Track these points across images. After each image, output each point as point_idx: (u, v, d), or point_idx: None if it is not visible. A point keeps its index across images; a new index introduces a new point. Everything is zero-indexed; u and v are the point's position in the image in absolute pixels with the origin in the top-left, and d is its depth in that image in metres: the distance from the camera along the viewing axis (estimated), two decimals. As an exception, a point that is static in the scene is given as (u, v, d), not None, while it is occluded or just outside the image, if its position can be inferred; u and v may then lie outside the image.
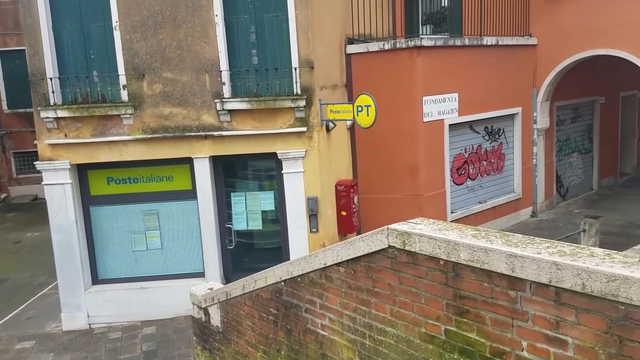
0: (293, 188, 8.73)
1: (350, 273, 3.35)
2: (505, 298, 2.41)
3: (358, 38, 10.21)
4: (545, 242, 2.47)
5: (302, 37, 8.31)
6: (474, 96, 10.88)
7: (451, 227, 2.90)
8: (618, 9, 10.57)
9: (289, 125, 8.56)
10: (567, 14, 11.32)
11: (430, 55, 9.98)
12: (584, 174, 14.36)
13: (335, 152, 9.40)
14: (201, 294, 5.50)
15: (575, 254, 2.26)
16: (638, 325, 1.99)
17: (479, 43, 10.79)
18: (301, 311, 3.90)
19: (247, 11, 8.48)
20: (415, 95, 9.94)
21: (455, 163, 11.09)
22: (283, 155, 8.61)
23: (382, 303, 3.10)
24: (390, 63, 9.96)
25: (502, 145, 12.06)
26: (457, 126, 10.85)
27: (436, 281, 2.74)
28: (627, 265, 2.11)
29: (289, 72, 8.41)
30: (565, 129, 13.59)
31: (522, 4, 11.70)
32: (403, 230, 2.91)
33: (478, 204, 11.53)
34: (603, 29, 10.81)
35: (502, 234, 2.69)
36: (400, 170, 10.20)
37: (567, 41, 11.38)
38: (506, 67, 11.45)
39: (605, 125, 14.50)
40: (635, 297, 1.98)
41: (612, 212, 12.37)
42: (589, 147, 14.42)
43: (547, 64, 11.82)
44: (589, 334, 2.14)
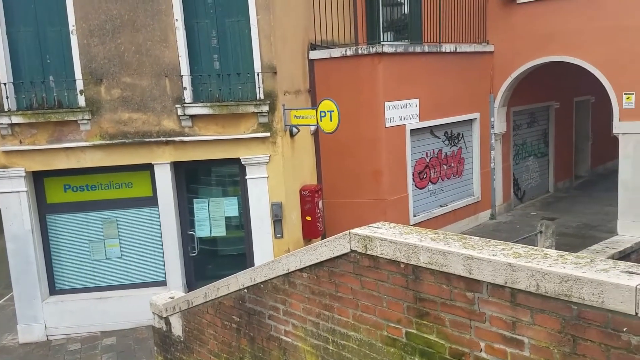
0: (257, 194, 8.68)
1: (313, 278, 3.36)
2: (463, 299, 2.46)
3: (321, 44, 10.27)
4: (500, 244, 2.54)
5: (264, 42, 8.29)
6: (434, 102, 11.09)
7: (411, 230, 2.95)
8: (570, 17, 10.98)
9: (253, 131, 8.52)
10: (522, 22, 11.69)
11: (391, 61, 10.12)
12: (540, 177, 14.82)
13: (299, 157, 9.41)
14: (162, 303, 5.40)
15: (530, 256, 2.33)
16: (590, 324, 2.06)
17: (438, 50, 11.01)
18: (264, 318, 3.87)
19: (208, 16, 8.41)
20: (377, 101, 10.05)
21: (417, 167, 11.26)
22: (247, 161, 8.56)
23: (345, 307, 3.12)
24: (353, 69, 10.05)
25: (461, 150, 12.32)
26: (418, 131, 11.03)
27: (397, 284, 2.77)
28: (579, 266, 2.18)
29: (251, 77, 8.38)
30: (522, 134, 14.00)
31: (479, 12, 12.02)
32: (365, 235, 2.93)
33: (439, 207, 11.74)
34: (556, 36, 11.21)
35: (460, 236, 2.75)
36: (364, 175, 10.28)
37: (523, 48, 11.74)
38: (464, 73, 11.72)
39: (560, 129, 15.01)
40: (587, 297, 2.05)
41: (568, 214, 12.80)
42: (545, 151, 14.89)
43: (504, 70, 12.16)
44: (544, 333, 2.20)
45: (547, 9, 11.29)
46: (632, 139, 10.50)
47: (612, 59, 10.51)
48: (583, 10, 10.78)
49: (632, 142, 10.50)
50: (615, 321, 1.99)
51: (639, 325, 1.93)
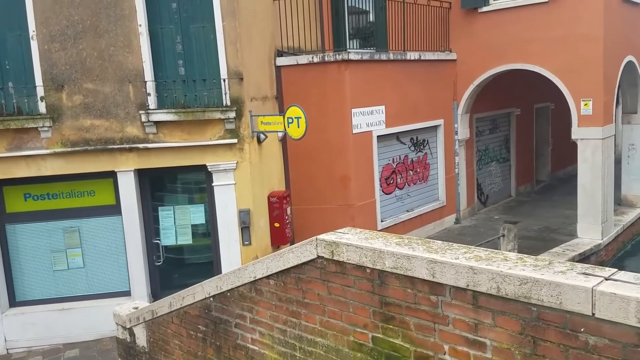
0: (224, 201, 8.60)
1: (280, 285, 3.35)
2: (427, 303, 2.50)
3: (287, 50, 10.29)
4: (462, 248, 2.59)
5: (230, 48, 8.26)
6: (400, 108, 11.24)
7: (377, 235, 2.98)
8: (529, 26, 11.32)
9: (219, 137, 8.44)
10: (483, 31, 11.99)
11: (357, 68, 10.22)
12: (502, 181, 15.18)
13: (267, 164, 9.38)
14: (125, 314, 5.28)
15: (490, 259, 2.39)
16: (549, 325, 2.12)
17: (403, 58, 11.18)
18: (231, 326, 3.84)
19: (173, 21, 8.33)
20: (345, 108, 10.12)
21: (384, 173, 11.38)
22: (213, 168, 8.48)
23: (312, 314, 3.12)
24: (320, 76, 10.10)
25: (427, 156, 12.51)
26: (384, 137, 11.15)
27: (363, 289, 2.80)
28: (537, 268, 2.25)
29: (217, 83, 8.31)
30: (485, 140, 14.32)
31: (443, 21, 12.27)
32: (331, 241, 2.95)
33: (406, 212, 11.87)
34: (517, 44, 11.54)
35: (424, 241, 2.79)
36: (332, 181, 10.32)
37: (484, 56, 12.03)
38: (429, 80, 11.93)
39: (521, 135, 15.42)
40: (546, 299, 2.11)
41: (529, 217, 13.14)
42: (507, 157, 15.27)
43: (466, 78, 12.43)
44: (505, 335, 2.25)
45: (507, 18, 11.62)
46: (590, 144, 10.87)
47: (570, 66, 10.87)
48: (541, 20, 11.13)
49: (590, 147, 10.87)
50: (573, 322, 2.06)
51: (595, 326, 2.00)
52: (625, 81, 12.51)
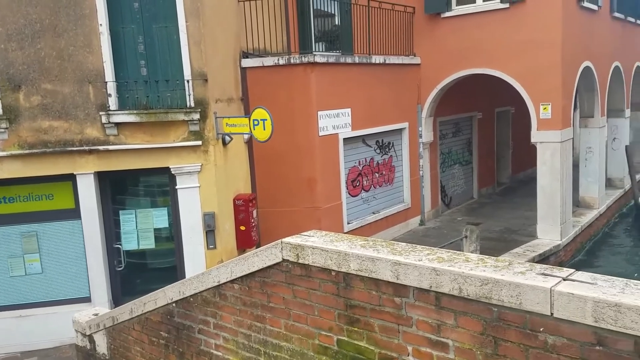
0: (188, 204, 8.47)
1: (245, 289, 3.31)
2: (391, 305, 2.51)
3: (253, 52, 10.23)
4: (426, 249, 2.62)
5: (194, 48, 8.14)
6: (366, 111, 11.32)
7: (342, 238, 2.98)
8: (490, 31, 11.58)
9: (183, 139, 8.31)
10: (446, 36, 12.20)
11: (323, 71, 10.24)
12: (465, 184, 15.47)
13: (232, 166, 9.28)
14: (85, 320, 5.13)
15: (452, 260, 2.42)
16: (510, 325, 2.16)
17: (369, 61, 11.27)
18: (194, 332, 3.77)
19: (135, 21, 8.16)
20: (311, 110, 10.13)
21: (350, 175, 11.43)
22: (177, 170, 8.34)
23: (277, 318, 3.10)
24: (286, 78, 10.08)
25: (392, 158, 12.64)
26: (350, 140, 11.20)
27: (328, 292, 2.79)
28: (498, 269, 2.29)
29: (181, 84, 8.18)
30: (448, 143, 14.57)
31: (407, 26, 12.43)
32: (297, 244, 2.93)
33: (372, 214, 11.96)
34: (478, 49, 11.79)
35: (388, 243, 2.81)
36: (299, 184, 10.30)
37: (447, 61, 12.25)
38: (394, 84, 12.06)
39: (483, 138, 15.77)
40: (506, 299, 2.15)
41: (491, 219, 13.43)
42: (469, 159, 15.57)
43: (430, 82, 12.63)
44: (467, 335, 2.28)
45: (469, 24, 11.86)
46: (549, 147, 11.20)
47: (530, 71, 11.18)
48: (502, 26, 11.41)
49: (549, 150, 11.19)
50: (532, 322, 2.10)
51: (554, 325, 2.05)
52: (583, 86, 12.95)
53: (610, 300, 1.91)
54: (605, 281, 2.09)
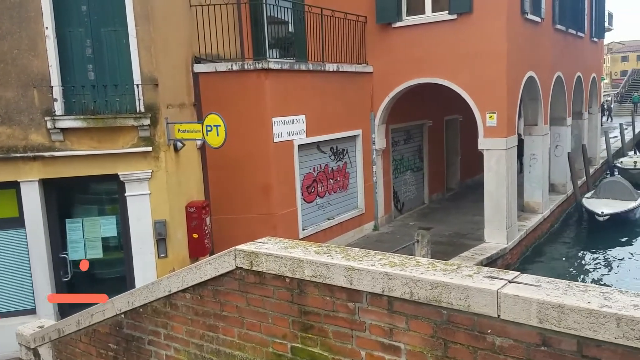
0: (138, 211, 8.25)
1: (196, 299, 3.26)
2: (345, 310, 2.54)
3: (206, 57, 10.11)
4: (378, 254, 2.66)
5: (144, 53, 7.98)
6: (320, 118, 11.40)
7: (297, 244, 2.98)
8: (438, 42, 11.91)
9: (132, 145, 8.11)
10: (397, 45, 12.46)
11: (278, 78, 10.25)
12: (416, 189, 15.80)
13: (185, 173, 9.12)
14: (30, 333, 4.91)
15: (404, 264, 2.47)
16: (459, 328, 2.21)
17: (322, 69, 11.36)
18: (144, 344, 3.67)
19: (82, 24, 7.92)
20: (265, 116, 10.10)
21: (305, 182, 11.46)
22: (126, 177, 8.11)
23: (230, 327, 3.06)
24: (240, 84, 10.02)
25: (346, 165, 12.76)
26: (305, 146, 11.24)
27: (282, 299, 2.78)
28: (447, 272, 2.35)
29: (130, 88, 7.99)
30: (400, 149, 14.86)
31: (359, 35, 12.61)
32: (250, 251, 2.91)
33: (327, 220, 12.02)
34: (428, 59, 12.10)
35: (342, 248, 2.83)
36: (253, 190, 10.23)
37: (398, 70, 12.50)
38: (347, 92, 12.21)
39: (433, 145, 16.16)
40: (455, 302, 2.20)
41: (442, 223, 13.75)
42: (420, 166, 15.93)
43: (382, 90, 12.85)
44: (418, 339, 2.33)
45: (419, 34, 12.16)
46: (494, 154, 11.60)
47: (476, 81, 11.56)
48: (450, 36, 11.76)
49: (495, 156, 11.60)
50: (480, 324, 2.16)
51: (501, 327, 2.11)
52: (527, 95, 13.49)
53: (553, 301, 1.98)
54: (548, 283, 2.17)
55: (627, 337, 1.83)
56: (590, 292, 2.05)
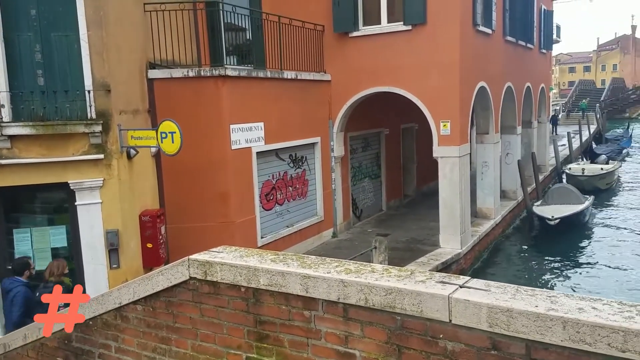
0: (89, 221, 7.99)
1: (149, 310, 3.17)
2: (301, 318, 2.53)
3: (161, 63, 9.93)
4: (334, 262, 2.66)
5: (96, 58, 7.77)
6: (279, 126, 11.37)
7: (252, 253, 2.96)
8: (395, 52, 12.11)
9: (83, 153, 7.86)
10: (354, 54, 12.61)
11: (235, 84, 10.17)
12: (374, 196, 15.97)
13: (138, 181, 8.90)
14: (-31, 352, 4.64)
15: (359, 271, 2.48)
16: (412, 333, 2.24)
17: (281, 76, 11.36)
18: (94, 357, 3.54)
19: (32, 29, 7.64)
20: (223, 123, 9.99)
21: (264, 189, 11.39)
22: (76, 186, 7.85)
23: (184, 339, 3.00)
24: (196, 90, 9.88)
25: (305, 172, 12.78)
26: (264, 154, 11.18)
27: (237, 309, 2.75)
28: (401, 278, 2.37)
29: (82, 94, 7.76)
30: (358, 157, 15.00)
31: (317, 43, 12.69)
32: (204, 260, 2.87)
33: (286, 227, 11.97)
34: (384, 69, 12.28)
35: (299, 256, 2.82)
36: (211, 198, 10.09)
37: (356, 78, 12.64)
38: (306, 99, 12.24)
39: (390, 153, 16.40)
40: (409, 307, 2.23)
41: (399, 229, 13.95)
42: (378, 173, 16.12)
43: (340, 98, 12.96)
44: (373, 345, 2.34)
45: (376, 44, 12.35)
46: (448, 161, 11.87)
47: (431, 90, 11.82)
48: (406, 46, 11.99)
49: (449, 164, 11.87)
50: (433, 329, 2.19)
51: (453, 332, 2.15)
52: (479, 105, 13.89)
53: (502, 305, 2.03)
54: (498, 287, 2.23)
55: (572, 340, 1.90)
56: (537, 296, 2.11)
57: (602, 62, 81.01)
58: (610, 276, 12.73)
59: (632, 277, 12.48)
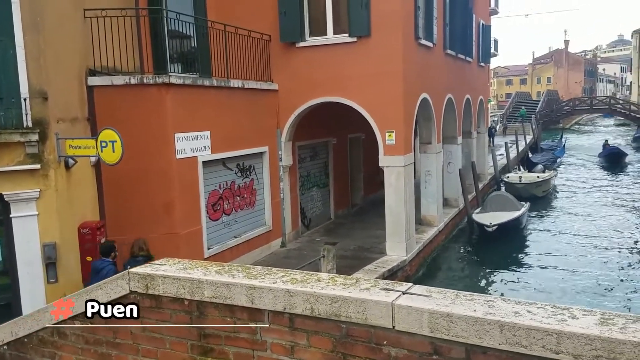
0: (25, 234, 7.62)
1: (87, 326, 3.05)
2: (246, 330, 2.50)
3: (101, 70, 9.63)
4: (281, 272, 2.66)
5: (32, 64, 7.44)
6: (226, 135, 11.25)
7: (196, 265, 2.91)
8: (341, 62, 12.28)
9: (19, 163, 7.50)
10: (301, 64, 12.69)
11: (180, 93, 9.99)
12: (322, 205, 16.06)
13: (77, 192, 8.57)
14: None
15: (305, 280, 2.49)
16: (357, 341, 2.27)
17: (227, 85, 11.26)
18: (28, 378, 3.37)
19: (-39, 31, 7.24)
20: (167, 132, 9.78)
21: (211, 199, 11.21)
22: (11, 197, 7.47)
23: (124, 354, 2.90)
24: (139, 98, 9.64)
25: (253, 181, 12.69)
26: (210, 163, 11.02)
27: (181, 322, 2.69)
28: (346, 286, 2.40)
29: (17, 102, 7.41)
30: (306, 166, 15.07)
31: (264, 53, 12.68)
32: (146, 273, 2.80)
33: (233, 238, 11.82)
34: (331, 79, 12.43)
35: (244, 267, 2.80)
36: (154, 209, 9.82)
37: (303, 88, 12.72)
38: (253, 108, 12.19)
39: (337, 162, 16.57)
40: (354, 315, 2.26)
41: (347, 238, 14.08)
42: (326, 182, 16.24)
43: (288, 108, 12.99)
44: (318, 354, 2.35)
45: (322, 54, 12.49)
46: (394, 170, 12.13)
47: (376, 101, 12.06)
48: (351, 58, 12.19)
49: (394, 173, 12.13)
50: (377, 336, 2.23)
51: (396, 338, 2.19)
52: (422, 115, 14.28)
53: (443, 311, 2.09)
54: (438, 293, 2.29)
55: (509, 343, 1.97)
56: (476, 300, 2.19)
57: (537, 75, 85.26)
58: (545, 279, 13.34)
59: (565, 280, 13.13)
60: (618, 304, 11.51)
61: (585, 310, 2.04)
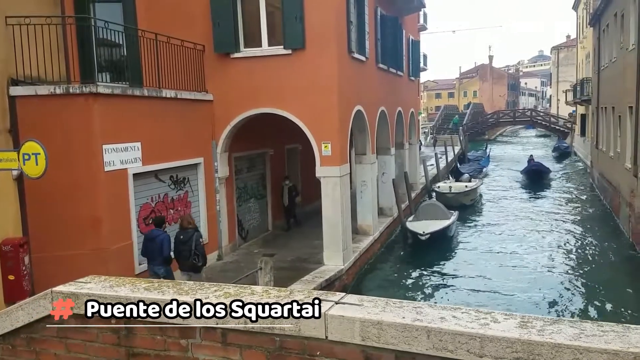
0: None
1: (7, 349, 2.87)
2: (177, 348, 2.45)
3: (25, 80, 9.14)
4: (213, 286, 2.63)
5: (-56, 72, 6.95)
6: (158, 146, 10.96)
7: (124, 282, 2.81)
8: (276, 74, 12.33)
9: None
10: (237, 75, 12.61)
11: (108, 103, 9.65)
12: (260, 216, 15.95)
13: (-4, 207, 8.05)
14: None
15: (239, 294, 2.47)
16: (291, 353, 2.26)
17: (159, 95, 10.99)
18: (-63, 411, 3.11)
19: None
20: (94, 143, 9.40)
21: (142, 213, 10.85)
22: None
23: (47, 379, 2.75)
24: (64, 109, 9.22)
25: (187, 194, 12.41)
26: (142, 175, 10.69)
27: (108, 343, 2.59)
28: (280, 298, 2.41)
29: None
30: (243, 178, 14.93)
31: (198, 63, 12.50)
32: (69, 292, 2.68)
33: (167, 252, 11.47)
34: (266, 90, 12.44)
35: (175, 283, 2.74)
36: (81, 224, 9.38)
37: (238, 99, 12.64)
38: (187, 119, 11.96)
39: (275, 173, 16.53)
40: (287, 327, 2.26)
41: (285, 249, 14.04)
42: (264, 193, 16.15)
43: (224, 119, 12.85)
44: (252, 368, 2.33)
45: (258, 66, 12.48)
46: (330, 181, 12.27)
47: (312, 112, 12.19)
48: (287, 69, 12.27)
49: (331, 183, 12.27)
50: (310, 347, 2.24)
51: (329, 348, 2.21)
52: (356, 127, 14.56)
53: (373, 319, 2.13)
54: (370, 302, 2.34)
55: (436, 348, 2.03)
56: (405, 307, 2.25)
57: (464, 89, 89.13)
58: (472, 284, 13.88)
59: (491, 284, 13.73)
60: (535, 307, 12.15)
61: (506, 314, 2.14)
